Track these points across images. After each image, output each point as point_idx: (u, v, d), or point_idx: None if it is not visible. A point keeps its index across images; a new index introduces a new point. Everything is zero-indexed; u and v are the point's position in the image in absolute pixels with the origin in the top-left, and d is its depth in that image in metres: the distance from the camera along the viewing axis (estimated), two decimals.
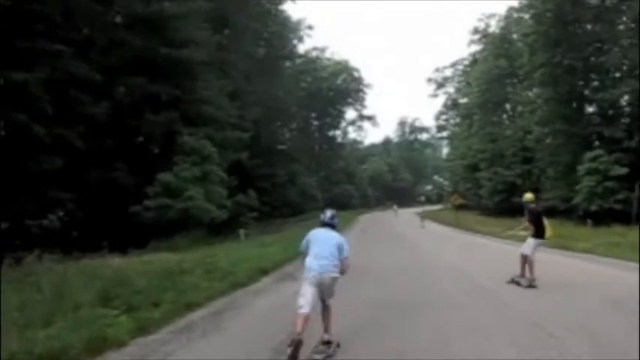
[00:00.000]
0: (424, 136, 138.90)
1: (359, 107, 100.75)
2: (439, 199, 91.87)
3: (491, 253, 20.82)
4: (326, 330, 6.82)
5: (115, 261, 13.33)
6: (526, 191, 14.52)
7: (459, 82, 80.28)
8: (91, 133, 22.71)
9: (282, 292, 11.48)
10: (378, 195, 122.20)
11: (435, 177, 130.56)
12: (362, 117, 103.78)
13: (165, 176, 25.21)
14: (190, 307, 9.42)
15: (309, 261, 6.73)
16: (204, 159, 26.70)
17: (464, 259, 18.28)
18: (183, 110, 27.69)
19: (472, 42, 65.35)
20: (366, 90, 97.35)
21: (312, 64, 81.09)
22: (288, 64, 67.02)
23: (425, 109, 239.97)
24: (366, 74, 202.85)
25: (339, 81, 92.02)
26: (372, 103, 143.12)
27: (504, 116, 58.88)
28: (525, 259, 11.52)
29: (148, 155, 30.04)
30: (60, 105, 21.71)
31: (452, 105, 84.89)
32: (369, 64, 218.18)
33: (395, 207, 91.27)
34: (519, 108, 55.34)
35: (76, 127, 21.56)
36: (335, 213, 7.36)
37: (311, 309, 6.47)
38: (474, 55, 67.56)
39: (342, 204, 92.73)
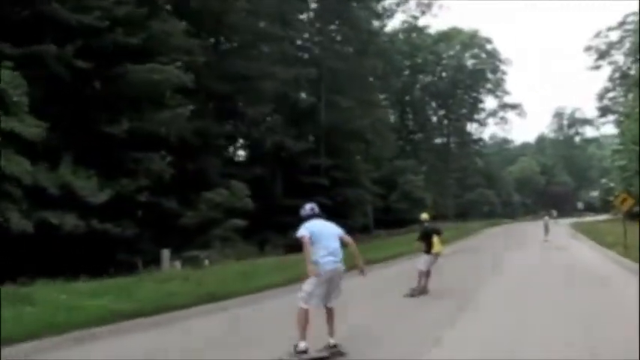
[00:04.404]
0: (588, 132, 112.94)
1: (499, 93, 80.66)
2: (605, 207, 70.36)
3: None
4: (332, 334, 6.49)
5: None
6: None
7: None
8: None
9: None
10: (529, 202, 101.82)
11: (603, 180, 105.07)
12: (504, 106, 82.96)
13: None
14: None
15: (322, 256, 6.35)
16: None
17: None
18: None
19: None
20: (505, 68, 77.80)
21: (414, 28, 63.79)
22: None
23: (584, 92, 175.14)
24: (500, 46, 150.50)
25: (468, 58, 74.28)
26: (514, 87, 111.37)
27: None
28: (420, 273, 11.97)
29: None
30: None
31: (620, 77, 62.73)
32: (499, 31, 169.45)
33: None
34: None
35: None
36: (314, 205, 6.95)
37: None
38: None
39: (476, 212, 75.55)
